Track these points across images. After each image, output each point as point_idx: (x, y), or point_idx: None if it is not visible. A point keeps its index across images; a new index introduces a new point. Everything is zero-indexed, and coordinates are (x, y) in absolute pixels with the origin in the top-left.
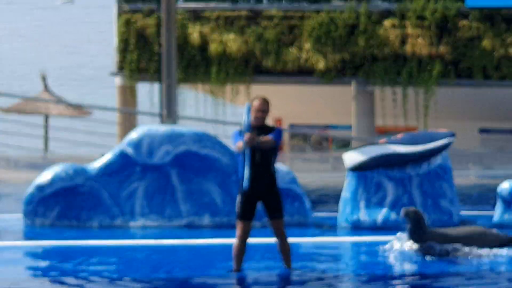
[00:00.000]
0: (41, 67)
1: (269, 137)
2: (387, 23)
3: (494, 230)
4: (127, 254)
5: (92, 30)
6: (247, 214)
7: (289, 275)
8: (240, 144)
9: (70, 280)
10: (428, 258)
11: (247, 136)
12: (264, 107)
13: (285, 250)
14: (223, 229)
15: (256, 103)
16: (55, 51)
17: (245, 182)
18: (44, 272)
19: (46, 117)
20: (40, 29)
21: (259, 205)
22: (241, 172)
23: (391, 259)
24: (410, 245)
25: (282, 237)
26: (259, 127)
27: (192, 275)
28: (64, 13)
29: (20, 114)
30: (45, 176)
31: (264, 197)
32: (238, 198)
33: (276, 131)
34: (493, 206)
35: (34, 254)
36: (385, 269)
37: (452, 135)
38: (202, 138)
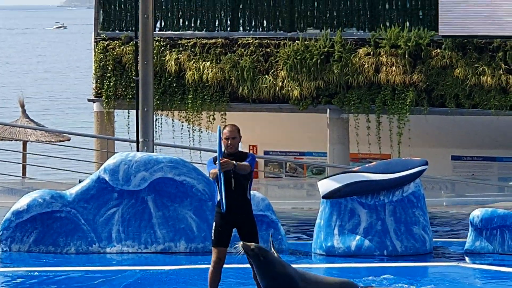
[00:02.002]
0: (19, 92)
1: (245, 163)
2: (361, 51)
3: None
4: (103, 280)
5: (72, 56)
6: (222, 240)
7: None
8: (214, 170)
9: None
10: None
11: (222, 161)
12: (234, 133)
13: None
14: (199, 255)
15: (226, 130)
16: (34, 76)
17: (220, 208)
18: None
19: (24, 143)
20: (20, 54)
21: (234, 231)
22: (216, 199)
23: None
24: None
25: None
26: (232, 154)
27: None
28: (44, 38)
29: None
30: (22, 202)
31: (239, 223)
32: (214, 224)
33: (251, 157)
34: (465, 233)
35: (10, 281)
36: None
37: (426, 163)
38: (178, 165)
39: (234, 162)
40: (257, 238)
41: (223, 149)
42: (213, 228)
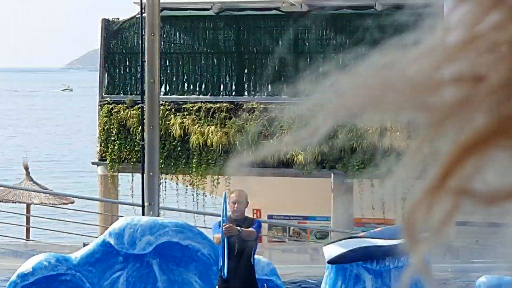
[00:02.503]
0: (24, 154)
1: (251, 229)
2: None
3: None
4: None
5: (77, 118)
6: None
7: None
8: (218, 235)
9: None
10: None
11: (225, 226)
12: (241, 199)
13: None
14: None
15: (233, 195)
16: (38, 139)
17: (224, 273)
18: None
19: (28, 206)
20: (25, 116)
21: None
22: (220, 263)
23: None
24: None
25: None
26: (238, 219)
27: None
28: (50, 101)
29: (1, 201)
30: (27, 264)
31: None
32: None
33: (257, 223)
34: None
35: None
36: None
37: None
38: (183, 229)
39: (238, 228)
40: None
41: (229, 213)
42: None
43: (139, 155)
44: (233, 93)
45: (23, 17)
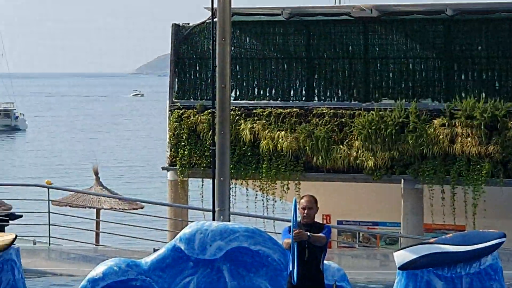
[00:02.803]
0: (93, 160)
1: (321, 235)
2: (436, 122)
3: None
4: None
5: (147, 123)
6: None
7: None
8: (287, 240)
9: None
10: None
11: (295, 232)
12: (311, 204)
13: None
14: None
15: (303, 200)
16: (108, 144)
17: (294, 279)
18: None
19: (98, 211)
20: (94, 121)
21: None
22: (289, 268)
23: None
24: None
25: None
26: (308, 224)
27: None
28: (119, 106)
29: (71, 207)
30: (98, 270)
31: None
32: None
33: (327, 229)
34: None
35: None
36: None
37: (503, 235)
38: (254, 235)
39: (308, 234)
40: None
41: (298, 219)
42: None
43: (209, 160)
44: (303, 98)
45: (90, 23)
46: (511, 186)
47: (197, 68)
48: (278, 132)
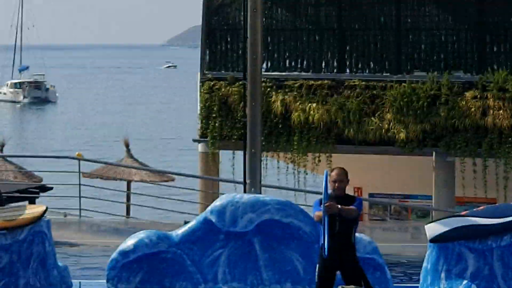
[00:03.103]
0: (124, 132)
1: (352, 207)
2: (468, 94)
3: None
4: None
5: (179, 95)
6: (325, 284)
7: None
8: (318, 213)
9: None
10: None
11: (326, 205)
12: (342, 177)
13: None
14: None
15: (334, 173)
16: (140, 116)
17: (325, 252)
18: None
19: (128, 183)
20: (126, 93)
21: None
22: (321, 241)
23: None
24: None
25: None
26: (339, 197)
27: None
28: (151, 78)
29: (102, 179)
30: (128, 242)
31: (343, 267)
32: (317, 268)
33: (358, 201)
34: None
35: None
36: None
37: None
38: (285, 207)
39: (339, 206)
40: (360, 282)
41: (330, 191)
42: (317, 271)
43: (240, 132)
44: (335, 70)
45: None
46: None
47: (228, 39)
48: (310, 104)
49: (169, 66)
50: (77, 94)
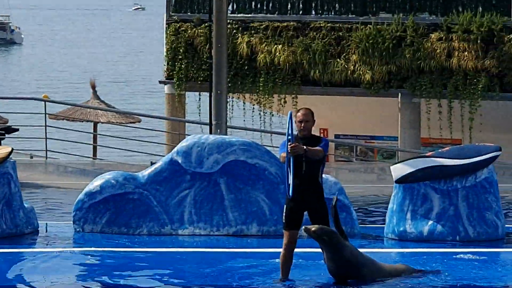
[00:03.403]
0: (91, 74)
1: (318, 148)
2: (433, 36)
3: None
4: (175, 262)
5: (146, 37)
6: (293, 224)
7: (334, 284)
8: (284, 154)
9: (118, 287)
10: None
11: (292, 145)
12: (308, 117)
13: None
14: (271, 238)
15: (300, 113)
16: (106, 58)
17: (289, 193)
18: (92, 279)
19: (95, 125)
20: (93, 35)
21: (306, 215)
22: (286, 182)
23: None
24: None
25: None
26: (305, 138)
27: (239, 284)
28: (119, 20)
29: (68, 121)
30: (95, 183)
31: (310, 207)
32: (285, 208)
33: (324, 142)
34: None
35: (83, 260)
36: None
37: (499, 149)
38: (251, 148)
39: (305, 147)
40: (328, 221)
41: (295, 132)
42: (284, 211)
43: (206, 74)
44: (301, 12)
45: None
46: (507, 100)
47: None
48: (275, 46)
49: (137, 8)
50: (43, 36)
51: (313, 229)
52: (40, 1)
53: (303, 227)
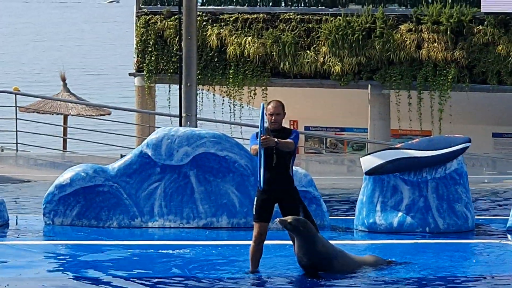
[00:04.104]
0: (61, 66)
1: (288, 140)
2: (403, 27)
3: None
4: (145, 254)
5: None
6: (263, 216)
7: (304, 276)
8: (255, 147)
9: (88, 279)
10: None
11: (263, 138)
12: (279, 109)
13: None
14: (241, 230)
15: (270, 106)
16: (77, 50)
17: (260, 185)
18: (62, 272)
19: (65, 117)
20: (65, 28)
21: (276, 207)
22: (257, 174)
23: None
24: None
25: None
26: (276, 130)
27: (208, 276)
28: (86, 12)
29: (39, 113)
30: (65, 176)
31: (281, 199)
32: (255, 200)
33: (294, 134)
34: (507, 211)
35: (53, 254)
36: (404, 271)
37: (468, 140)
38: (221, 140)
39: (276, 140)
40: (299, 213)
41: (266, 124)
42: (255, 203)
43: (176, 66)
44: (270, 4)
45: None
46: (477, 92)
47: None
48: (245, 38)
49: (112, 1)
50: (13, 28)
51: (288, 220)
52: None
53: (278, 219)
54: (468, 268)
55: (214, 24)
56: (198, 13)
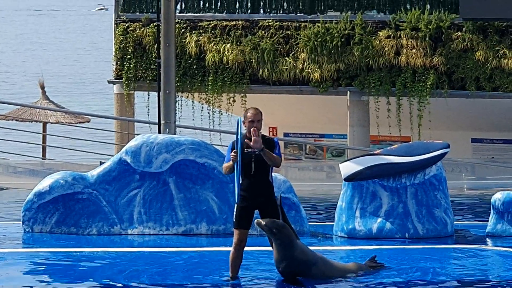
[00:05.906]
0: (40, 73)
1: (276, 156)
2: (382, 34)
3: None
4: (124, 262)
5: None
6: (243, 222)
7: (283, 282)
8: (226, 165)
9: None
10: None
11: (253, 138)
12: (259, 117)
13: None
14: (220, 237)
15: (250, 113)
16: (55, 58)
17: (241, 192)
18: (41, 280)
19: (44, 125)
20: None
21: (256, 214)
22: (236, 181)
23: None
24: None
25: None
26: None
27: (188, 283)
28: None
29: (17, 121)
30: (44, 183)
31: (261, 206)
32: (235, 207)
33: (277, 146)
34: (486, 216)
35: (32, 261)
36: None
37: (447, 146)
38: (200, 147)
39: (263, 146)
40: (279, 219)
41: (244, 131)
42: (235, 210)
43: (155, 73)
44: (249, 11)
45: None
46: (456, 97)
47: None
48: (224, 45)
49: (101, 9)
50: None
51: (263, 222)
52: (4, 1)
53: (255, 220)
54: (447, 274)
55: (193, 31)
56: (176, 20)
